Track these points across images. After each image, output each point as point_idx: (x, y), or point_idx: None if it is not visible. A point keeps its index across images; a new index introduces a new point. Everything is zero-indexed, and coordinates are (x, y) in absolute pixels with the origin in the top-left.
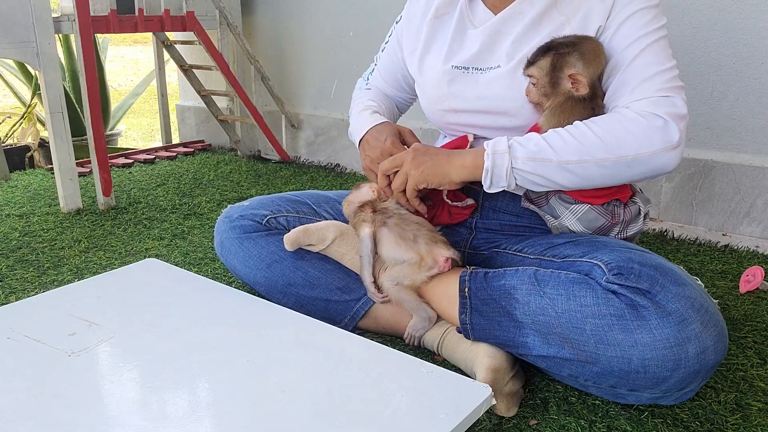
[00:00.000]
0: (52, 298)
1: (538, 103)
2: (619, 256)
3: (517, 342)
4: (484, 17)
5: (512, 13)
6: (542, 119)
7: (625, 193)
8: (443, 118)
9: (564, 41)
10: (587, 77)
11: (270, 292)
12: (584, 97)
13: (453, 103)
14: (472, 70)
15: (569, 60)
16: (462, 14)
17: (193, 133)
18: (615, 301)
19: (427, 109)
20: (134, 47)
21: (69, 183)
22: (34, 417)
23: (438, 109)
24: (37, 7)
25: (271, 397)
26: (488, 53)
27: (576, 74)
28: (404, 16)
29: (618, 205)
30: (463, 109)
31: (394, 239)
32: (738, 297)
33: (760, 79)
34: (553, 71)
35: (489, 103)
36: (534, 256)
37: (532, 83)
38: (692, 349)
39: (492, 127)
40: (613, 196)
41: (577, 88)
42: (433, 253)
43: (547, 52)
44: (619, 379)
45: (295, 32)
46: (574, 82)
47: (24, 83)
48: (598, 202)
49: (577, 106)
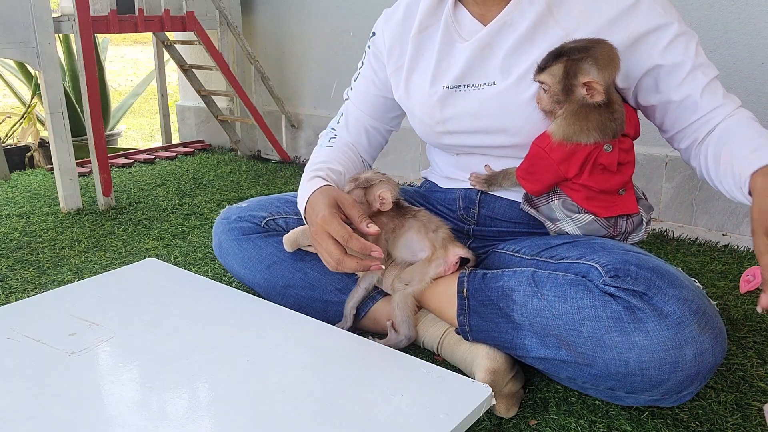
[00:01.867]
0: (52, 298)
1: (549, 111)
2: (616, 258)
3: (515, 343)
4: (472, 29)
5: (502, 24)
6: (553, 126)
7: (632, 207)
8: (439, 140)
9: (576, 46)
10: (602, 84)
11: (269, 293)
12: (599, 104)
13: (448, 126)
14: (464, 87)
15: (583, 67)
16: (447, 26)
17: (193, 133)
18: (612, 304)
19: (420, 131)
20: (134, 47)
21: (69, 183)
22: (34, 417)
23: (433, 132)
24: (37, 7)
25: (271, 397)
26: (479, 68)
27: (591, 82)
28: (381, 33)
29: (622, 217)
30: (458, 130)
31: (417, 227)
32: (738, 297)
33: (760, 79)
34: (566, 78)
35: (486, 123)
36: (531, 256)
37: (543, 89)
38: (690, 352)
39: (491, 146)
40: (621, 210)
41: (591, 96)
42: (448, 249)
43: (559, 58)
44: (617, 382)
45: (295, 32)
46: (589, 89)
47: (24, 83)
48: (605, 215)
49: (592, 113)
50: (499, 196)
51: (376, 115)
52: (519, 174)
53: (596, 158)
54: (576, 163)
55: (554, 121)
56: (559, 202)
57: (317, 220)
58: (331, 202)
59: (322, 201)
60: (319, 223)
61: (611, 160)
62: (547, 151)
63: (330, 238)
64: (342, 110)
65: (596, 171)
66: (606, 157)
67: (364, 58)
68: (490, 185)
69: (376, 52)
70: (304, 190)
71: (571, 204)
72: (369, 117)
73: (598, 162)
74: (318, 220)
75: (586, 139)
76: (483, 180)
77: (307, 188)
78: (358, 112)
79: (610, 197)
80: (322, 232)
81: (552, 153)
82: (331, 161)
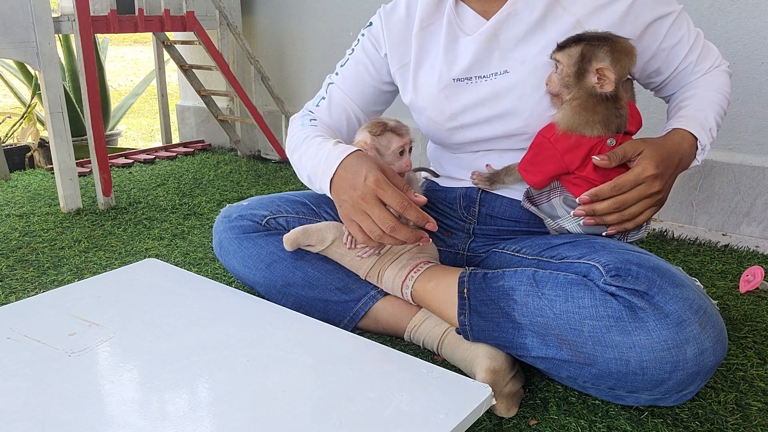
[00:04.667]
0: (52, 298)
1: (556, 95)
2: (616, 257)
3: (516, 343)
4: (475, 23)
5: (506, 15)
6: (559, 115)
7: None
8: (450, 138)
9: (596, 35)
10: (615, 74)
11: (269, 292)
12: (607, 96)
13: (460, 119)
14: (475, 79)
15: (599, 54)
16: (450, 22)
17: (193, 133)
18: (613, 303)
19: (429, 129)
20: (134, 47)
21: (69, 183)
22: (34, 417)
23: (443, 129)
24: (37, 7)
25: (271, 397)
26: (488, 59)
27: (604, 69)
28: (379, 26)
29: None
30: (470, 122)
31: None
32: (738, 297)
33: (760, 79)
34: (581, 61)
35: (500, 108)
36: (532, 256)
37: (555, 70)
38: (690, 351)
39: (503, 136)
40: None
41: (602, 84)
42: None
43: (579, 42)
44: (618, 381)
45: (295, 32)
46: (601, 77)
47: (24, 83)
48: None
49: (599, 105)
50: (500, 195)
51: (361, 103)
52: (522, 166)
53: (599, 151)
54: (579, 155)
55: (560, 110)
56: (560, 198)
57: (368, 183)
58: (377, 167)
59: (366, 164)
60: (370, 186)
61: None
62: (552, 141)
63: (379, 203)
64: (323, 94)
65: None
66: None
67: (356, 44)
68: (492, 183)
69: (372, 40)
70: (329, 154)
71: (572, 200)
72: (354, 103)
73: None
74: (370, 183)
75: (590, 132)
76: (485, 178)
77: (336, 152)
78: (343, 97)
79: None
80: (372, 197)
81: (557, 143)
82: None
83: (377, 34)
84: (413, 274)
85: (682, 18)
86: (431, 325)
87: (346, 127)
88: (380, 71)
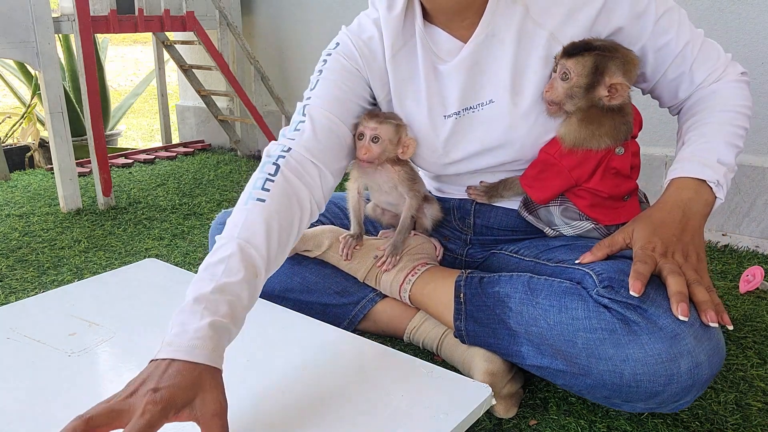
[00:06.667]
0: (52, 298)
1: (556, 104)
2: (611, 266)
3: (512, 350)
4: (452, 47)
5: (484, 38)
6: (563, 129)
7: (635, 214)
8: (443, 171)
9: (603, 44)
10: (629, 88)
11: (267, 298)
12: (613, 108)
13: (451, 155)
14: (462, 112)
15: (611, 67)
16: (425, 47)
17: (193, 133)
18: (606, 316)
19: (421, 164)
20: (134, 47)
21: (69, 183)
22: (34, 417)
23: (439, 164)
24: (37, 7)
25: (271, 397)
26: (472, 90)
27: (618, 84)
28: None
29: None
30: (461, 157)
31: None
32: (738, 297)
33: (760, 79)
34: (594, 73)
35: (489, 141)
36: (529, 258)
37: (562, 78)
38: (685, 365)
39: (494, 166)
40: (625, 218)
41: (611, 98)
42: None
43: (590, 50)
44: (612, 392)
45: (295, 32)
46: (612, 91)
47: (24, 83)
48: (607, 223)
49: (605, 118)
50: (495, 205)
51: (345, 118)
52: (524, 182)
53: (608, 162)
54: (587, 170)
55: (564, 124)
56: (559, 208)
57: (142, 392)
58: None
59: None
60: (141, 395)
61: (624, 163)
62: (557, 158)
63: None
64: (299, 118)
65: (608, 175)
66: (618, 161)
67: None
68: (490, 197)
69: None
70: (183, 330)
71: (572, 212)
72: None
73: (611, 166)
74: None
75: (597, 145)
76: (482, 192)
77: (193, 329)
78: (325, 114)
79: (615, 203)
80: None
81: (563, 160)
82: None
83: (349, 52)
84: (410, 277)
85: (671, 18)
86: (430, 326)
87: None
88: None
